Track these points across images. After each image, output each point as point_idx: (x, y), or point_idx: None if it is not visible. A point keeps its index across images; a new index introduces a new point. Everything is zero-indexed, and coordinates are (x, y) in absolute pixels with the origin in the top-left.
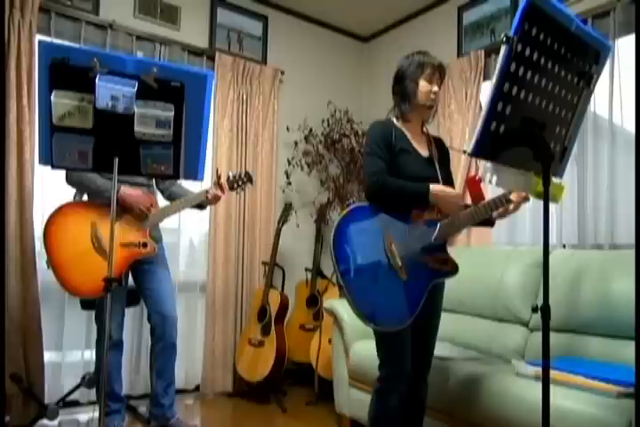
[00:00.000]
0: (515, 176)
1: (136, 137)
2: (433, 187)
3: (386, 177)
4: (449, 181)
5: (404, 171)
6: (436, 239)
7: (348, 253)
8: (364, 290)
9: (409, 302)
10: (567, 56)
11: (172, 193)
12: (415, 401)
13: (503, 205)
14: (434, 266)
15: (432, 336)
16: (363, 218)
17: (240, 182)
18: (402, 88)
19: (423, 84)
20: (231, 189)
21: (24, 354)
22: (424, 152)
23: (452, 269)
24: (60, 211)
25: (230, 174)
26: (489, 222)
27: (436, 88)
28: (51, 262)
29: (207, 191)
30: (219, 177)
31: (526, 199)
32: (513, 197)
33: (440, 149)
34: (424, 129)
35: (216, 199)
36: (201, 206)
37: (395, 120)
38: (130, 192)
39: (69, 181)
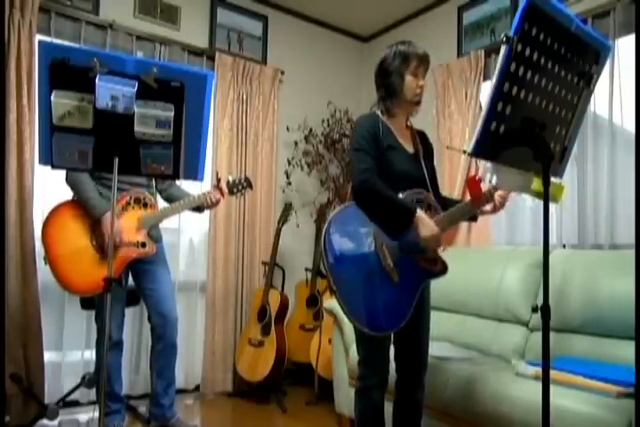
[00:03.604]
0: (514, 176)
1: (136, 137)
2: (419, 214)
3: (377, 180)
4: (434, 178)
5: (392, 168)
6: None
7: (339, 254)
8: (356, 294)
9: (401, 305)
10: (567, 56)
11: (169, 195)
12: (411, 403)
13: (488, 202)
14: (424, 266)
15: (423, 335)
16: (354, 218)
17: (240, 187)
18: (387, 83)
19: (409, 79)
20: (230, 193)
21: (24, 354)
22: (409, 148)
23: (442, 269)
24: (60, 208)
25: (230, 179)
26: (472, 217)
27: (422, 82)
28: (48, 259)
29: (208, 194)
30: (218, 180)
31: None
32: (496, 195)
33: (424, 144)
34: (408, 123)
35: (215, 203)
36: (199, 209)
37: (380, 114)
38: (107, 222)
39: (67, 181)
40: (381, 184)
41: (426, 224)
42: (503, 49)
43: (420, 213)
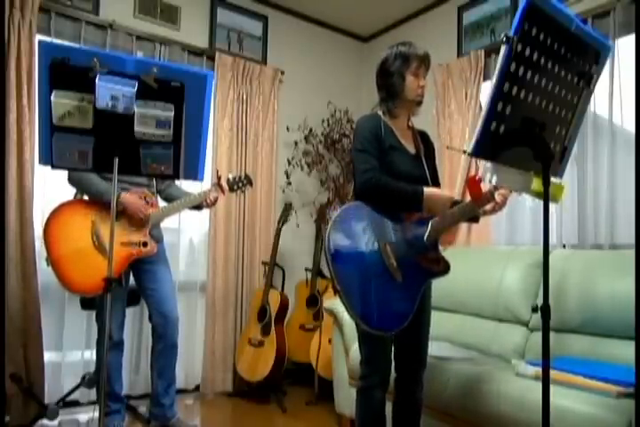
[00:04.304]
0: (514, 176)
1: (136, 137)
2: (427, 190)
3: (381, 176)
4: (435, 178)
5: (393, 169)
6: (427, 238)
7: (342, 254)
8: (360, 293)
9: (404, 304)
10: (567, 56)
11: (168, 195)
12: (410, 402)
13: (489, 202)
14: (426, 266)
15: (423, 333)
16: (356, 218)
17: (240, 184)
18: (388, 84)
19: (410, 80)
20: (231, 190)
21: (24, 354)
22: (411, 149)
23: (444, 268)
24: (61, 208)
25: (230, 176)
26: (474, 218)
27: (423, 82)
28: (50, 259)
29: (207, 193)
30: (219, 178)
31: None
32: (497, 194)
33: (425, 144)
34: (409, 123)
35: (214, 202)
36: (199, 207)
37: (382, 115)
38: (130, 200)
39: (70, 181)
40: (385, 178)
41: (436, 198)
42: (503, 49)
43: (427, 190)
